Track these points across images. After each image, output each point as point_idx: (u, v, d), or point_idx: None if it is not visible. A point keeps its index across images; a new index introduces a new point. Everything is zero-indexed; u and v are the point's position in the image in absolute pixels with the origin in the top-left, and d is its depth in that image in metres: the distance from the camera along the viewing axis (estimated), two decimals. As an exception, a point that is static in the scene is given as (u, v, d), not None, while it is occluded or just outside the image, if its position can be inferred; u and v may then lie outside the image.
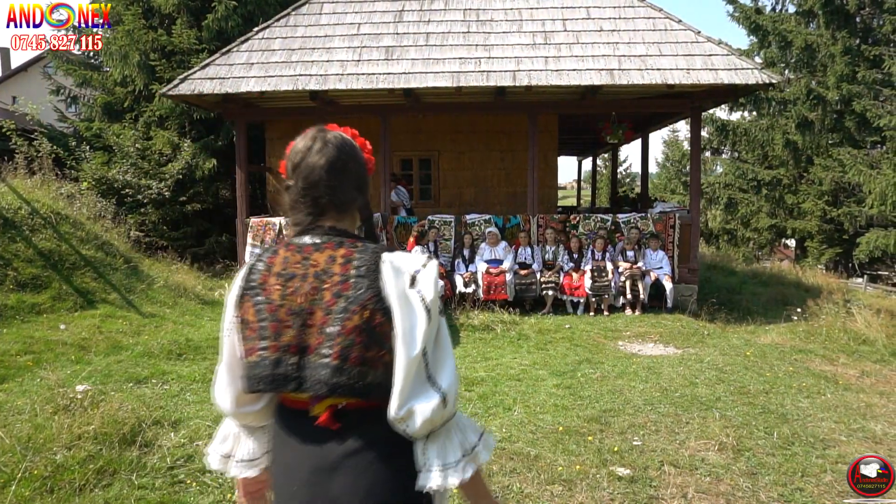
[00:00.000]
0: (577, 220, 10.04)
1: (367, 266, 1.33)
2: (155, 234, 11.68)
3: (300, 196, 1.43)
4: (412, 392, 1.28)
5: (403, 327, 1.29)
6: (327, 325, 1.30)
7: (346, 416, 1.32)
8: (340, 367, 1.27)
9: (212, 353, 6.10)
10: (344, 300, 1.30)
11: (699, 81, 8.86)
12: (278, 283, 1.35)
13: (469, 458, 1.34)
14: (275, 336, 1.32)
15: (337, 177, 1.43)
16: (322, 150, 1.44)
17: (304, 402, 1.34)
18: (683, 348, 7.39)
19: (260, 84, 9.34)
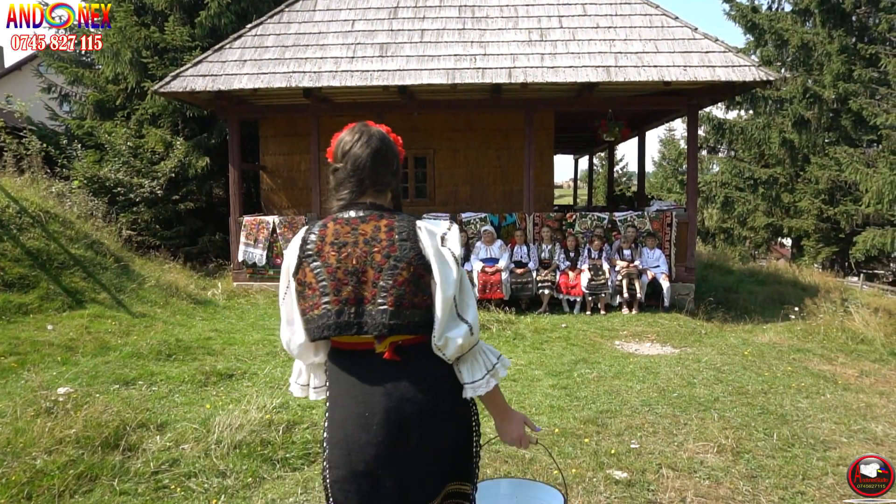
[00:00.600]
0: (574, 218, 9.96)
1: (408, 232, 1.70)
2: (147, 233, 11.55)
3: (348, 177, 1.75)
4: (447, 325, 1.65)
5: (440, 276, 1.66)
6: (380, 280, 1.64)
7: (404, 350, 1.67)
8: (396, 312, 1.63)
9: (202, 353, 6.00)
10: (393, 259, 1.66)
11: (696, 79, 8.79)
12: (333, 250, 1.68)
13: (491, 373, 1.73)
14: (335, 292, 1.65)
15: (378, 163, 1.76)
16: (368, 141, 1.77)
17: (366, 344, 1.68)
18: (681, 348, 7.32)
19: (253, 81, 9.22)
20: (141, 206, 11.41)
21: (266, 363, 5.88)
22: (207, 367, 5.43)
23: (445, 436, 1.71)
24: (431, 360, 1.69)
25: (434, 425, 1.68)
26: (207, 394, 4.87)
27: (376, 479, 1.65)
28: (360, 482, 1.66)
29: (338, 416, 1.71)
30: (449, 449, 1.72)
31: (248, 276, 10.28)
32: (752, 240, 23.17)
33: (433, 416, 1.67)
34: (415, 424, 1.65)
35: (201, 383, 5.10)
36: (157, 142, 11.61)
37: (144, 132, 11.78)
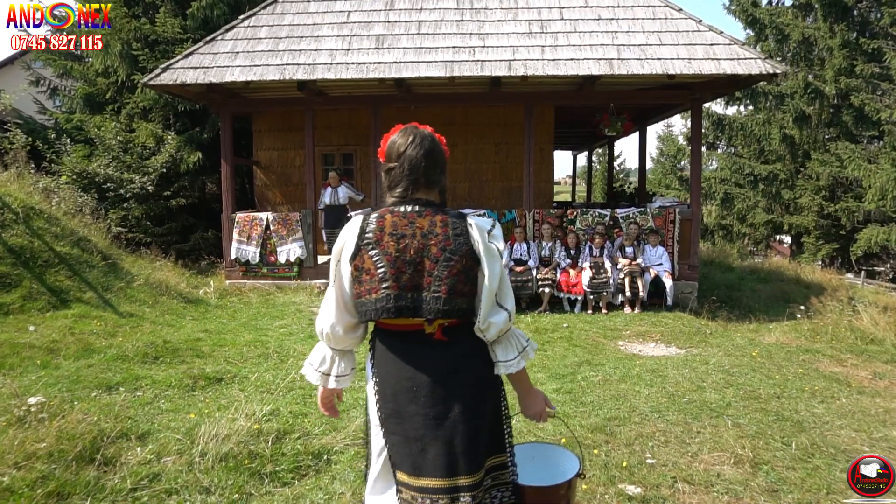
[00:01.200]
0: (575, 215, 9.74)
1: (461, 228, 1.88)
2: (138, 229, 11.29)
3: (404, 176, 1.91)
4: (490, 312, 1.85)
5: (488, 269, 1.86)
6: (435, 270, 1.82)
7: (451, 331, 1.88)
8: (448, 299, 1.82)
9: (191, 355, 5.76)
10: (448, 252, 1.84)
11: (701, 72, 8.56)
12: (392, 241, 1.84)
13: (521, 354, 1.95)
14: (395, 279, 1.82)
15: (430, 163, 1.93)
16: (421, 143, 1.93)
17: (416, 326, 1.88)
18: (686, 348, 7.10)
19: (245, 73, 8.96)
20: (131, 203, 11.14)
21: (257, 366, 5.64)
22: (195, 371, 5.19)
23: (483, 408, 1.91)
24: (472, 341, 1.92)
25: (473, 397, 1.89)
26: (194, 399, 4.62)
27: (424, 446, 1.85)
28: (412, 447, 1.87)
29: (388, 390, 1.91)
30: (487, 421, 1.92)
31: (241, 275, 10.02)
32: (751, 237, 22.98)
33: (473, 389, 1.89)
34: (457, 396, 1.86)
35: (188, 388, 4.86)
36: (148, 136, 11.33)
37: (135, 126, 11.50)
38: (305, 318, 7.91)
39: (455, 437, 1.84)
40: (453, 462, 1.84)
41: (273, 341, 6.61)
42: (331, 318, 1.94)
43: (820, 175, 19.37)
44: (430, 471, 1.84)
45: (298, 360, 5.87)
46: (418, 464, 1.85)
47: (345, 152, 11.65)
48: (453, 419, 1.85)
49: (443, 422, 1.84)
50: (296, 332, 7.18)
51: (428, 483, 1.84)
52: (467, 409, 1.86)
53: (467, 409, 1.86)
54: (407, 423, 1.87)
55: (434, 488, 1.84)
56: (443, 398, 1.85)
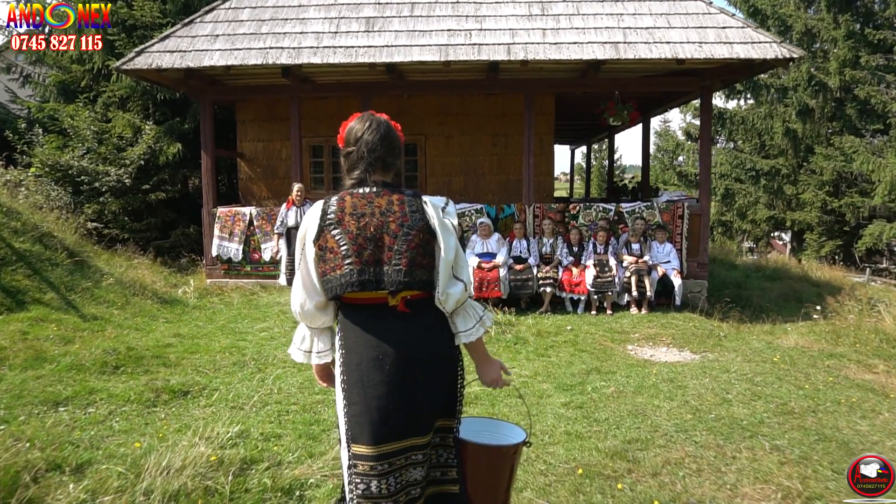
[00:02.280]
0: (577, 209, 9.18)
1: (416, 205, 2.03)
2: (115, 225, 10.65)
3: (360, 158, 2.04)
4: (447, 283, 2.00)
5: (443, 242, 2.01)
6: (395, 244, 1.97)
7: (412, 304, 2.01)
8: (409, 271, 1.95)
9: (156, 364, 5.17)
10: (406, 228, 1.98)
11: (713, 56, 8.00)
12: (353, 220, 1.97)
13: (479, 323, 2.09)
14: (357, 255, 1.95)
15: (386, 146, 2.06)
16: (377, 128, 2.06)
17: (379, 299, 1.99)
18: (701, 353, 6.57)
19: (226, 58, 8.35)
20: (107, 196, 10.50)
21: (230, 376, 5.05)
22: (160, 383, 4.61)
23: (444, 375, 2.04)
24: (434, 313, 2.02)
25: (436, 365, 2.01)
26: (154, 417, 4.04)
27: (387, 413, 1.92)
28: (373, 415, 1.92)
29: (353, 360, 1.97)
30: (444, 387, 2.04)
31: (223, 273, 9.43)
32: (751, 233, 22.51)
33: (436, 358, 2.01)
34: (421, 364, 1.97)
35: (149, 403, 4.27)
36: (125, 126, 10.70)
37: (111, 116, 10.86)
38: (289, 321, 7.32)
39: (416, 403, 1.96)
40: (413, 425, 1.96)
41: (251, 347, 6.03)
42: (300, 297, 2.03)
43: (824, 170, 18.88)
44: (391, 436, 1.93)
45: (277, 370, 5.29)
46: (379, 432, 1.92)
47: (334, 144, 11.02)
48: (415, 386, 1.95)
49: (405, 389, 1.94)
50: (277, 335, 6.60)
51: (387, 448, 1.93)
52: (429, 378, 1.98)
53: (429, 377, 1.98)
54: (370, 391, 1.94)
55: (391, 451, 1.93)
56: (405, 367, 1.94)
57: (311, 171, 11.15)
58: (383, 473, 1.93)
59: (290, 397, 4.57)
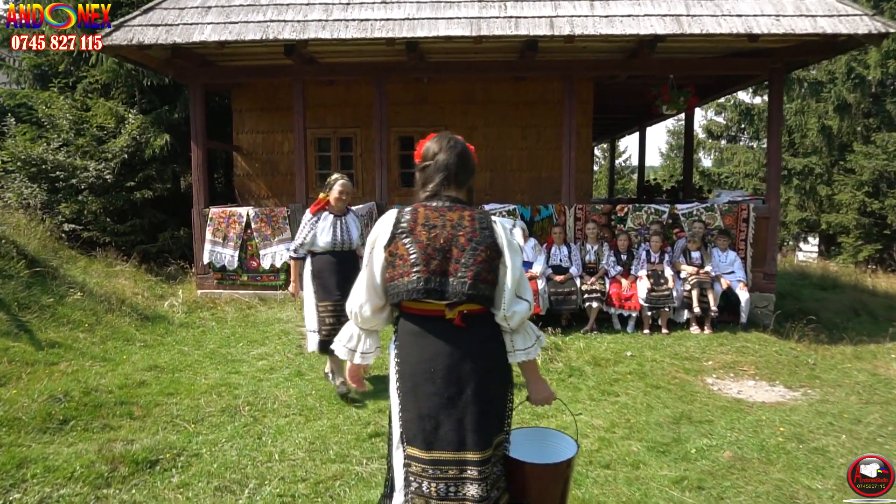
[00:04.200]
0: (626, 211, 7.94)
1: (486, 223, 2.09)
2: (95, 227, 9.42)
3: (436, 173, 2.13)
4: (512, 302, 2.05)
5: (510, 261, 2.07)
6: (462, 258, 2.02)
7: (469, 318, 2.05)
8: (474, 284, 2.00)
9: (120, 414, 3.94)
10: (474, 242, 2.03)
11: (793, 31, 6.76)
12: (424, 230, 2.05)
13: (536, 342, 2.17)
14: (425, 263, 2.01)
15: (461, 165, 2.15)
16: (454, 146, 2.16)
17: (437, 311, 2.04)
18: (799, 389, 5.34)
19: (219, 32, 7.12)
20: (86, 194, 9.27)
21: (217, 430, 3.83)
22: (119, 447, 3.38)
23: (493, 391, 2.08)
24: (488, 329, 2.09)
25: (485, 381, 2.05)
26: (102, 510, 2.82)
27: (438, 422, 2.01)
28: (425, 423, 2.02)
29: (408, 370, 2.08)
30: (496, 403, 2.09)
31: (216, 283, 8.20)
32: (781, 236, 21.26)
33: (485, 373, 2.06)
34: (470, 379, 2.03)
35: (100, 482, 3.06)
36: (107, 115, 9.47)
37: (90, 104, 9.62)
38: (293, 344, 6.09)
39: (465, 416, 2.00)
40: (462, 438, 2.00)
41: (246, 384, 4.79)
42: (360, 299, 2.12)
43: (864, 169, 17.63)
44: (441, 445, 2.00)
45: (279, 419, 4.06)
46: (430, 439, 2.00)
47: (342, 136, 9.81)
48: (465, 400, 2.01)
49: (456, 402, 2.00)
50: (279, 366, 5.36)
51: (438, 455, 2.00)
52: (478, 392, 2.02)
53: (478, 391, 2.02)
54: (422, 401, 2.02)
55: (444, 460, 2.00)
56: (457, 380, 2.01)
57: (317, 167, 9.92)
58: (435, 478, 2.00)
59: (295, 468, 3.34)
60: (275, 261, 8.04)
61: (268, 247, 8.07)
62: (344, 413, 4.28)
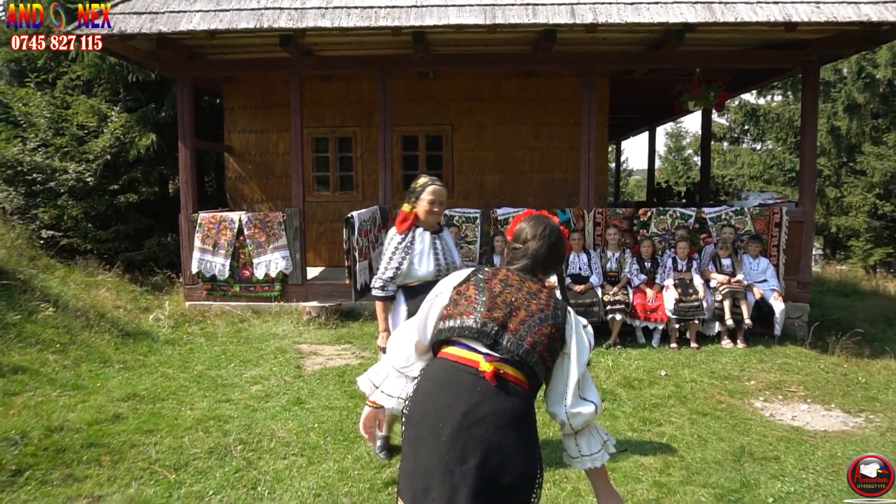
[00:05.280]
0: (649, 215, 7.37)
1: (561, 307, 1.98)
2: (75, 233, 8.76)
3: (525, 258, 2.07)
4: (575, 401, 1.92)
5: (576, 353, 1.94)
6: (527, 322, 1.90)
7: (502, 380, 1.84)
8: (530, 351, 1.86)
9: (88, 459, 3.30)
10: (543, 314, 1.92)
11: (835, 18, 6.22)
12: (500, 284, 1.97)
13: (604, 447, 2.00)
14: (488, 310, 1.90)
15: (552, 255, 2.09)
16: (549, 235, 2.08)
17: (473, 362, 1.86)
18: (860, 414, 4.77)
19: (208, 21, 6.50)
20: (66, 198, 8.62)
21: (202, 479, 3.20)
22: (82, 506, 2.75)
23: (499, 472, 1.75)
24: (519, 402, 1.84)
25: (492, 456, 1.75)
26: None
27: (428, 485, 1.76)
28: (416, 481, 1.79)
29: (415, 417, 1.87)
30: (501, 492, 1.75)
31: (206, 294, 7.56)
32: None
33: (495, 448, 1.76)
34: (477, 450, 1.74)
35: None
36: (88, 113, 8.81)
37: (70, 101, 8.97)
38: (291, 365, 5.47)
39: (460, 490, 1.73)
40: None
41: (238, 415, 4.17)
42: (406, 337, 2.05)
43: (875, 171, 17.17)
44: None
45: (276, 462, 3.45)
46: (418, 500, 1.80)
47: (341, 136, 9.18)
48: (464, 472, 1.74)
49: (453, 470, 1.75)
50: (275, 392, 4.74)
51: None
52: (483, 468, 1.75)
53: (483, 468, 1.75)
54: (420, 454, 1.81)
55: None
56: (462, 447, 1.76)
57: (315, 169, 9.30)
58: None
59: None
60: (269, 270, 7.42)
61: (262, 255, 7.44)
62: (353, 453, 3.67)
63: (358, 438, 3.88)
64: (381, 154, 7.44)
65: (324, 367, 5.50)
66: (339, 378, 5.13)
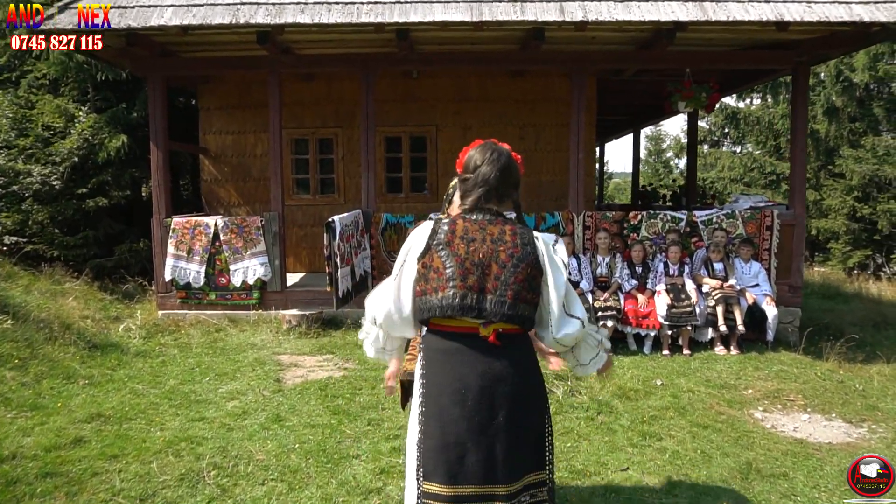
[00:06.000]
0: (639, 219, 7.20)
1: (528, 239, 1.99)
2: (41, 239, 8.34)
3: (476, 186, 2.01)
4: (560, 323, 1.99)
5: (553, 280, 1.98)
6: (501, 275, 1.91)
7: (504, 337, 1.93)
8: (513, 304, 1.90)
9: (42, 493, 2.99)
10: (515, 259, 1.93)
11: (827, 18, 6.11)
12: (462, 243, 1.94)
13: (600, 349, 2.16)
14: (462, 279, 1.90)
15: (504, 178, 2.03)
16: (497, 158, 2.04)
17: (471, 328, 1.92)
18: (862, 424, 4.62)
19: (181, 15, 6.18)
20: (30, 203, 8.20)
21: (173, 513, 2.91)
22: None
23: (527, 420, 1.92)
24: (524, 350, 1.99)
25: (519, 407, 1.89)
26: None
27: (464, 452, 1.83)
28: (450, 453, 1.84)
29: (433, 391, 1.92)
30: (531, 433, 1.93)
31: (180, 302, 7.21)
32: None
33: (520, 398, 1.90)
34: (504, 403, 1.87)
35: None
36: (54, 113, 8.41)
37: (36, 101, 8.55)
38: (270, 378, 5.17)
39: (496, 445, 1.83)
40: (492, 469, 1.83)
41: (212, 436, 3.87)
42: (385, 307, 2.03)
43: (853, 174, 17.31)
44: (467, 478, 1.82)
45: (254, 489, 3.16)
46: (454, 471, 1.82)
47: (322, 137, 8.88)
48: (496, 427, 1.84)
49: (487, 428, 1.83)
50: (252, 408, 4.44)
51: (463, 490, 1.82)
52: (512, 419, 1.86)
53: (512, 418, 1.86)
54: (448, 426, 1.85)
55: (469, 495, 1.82)
56: (489, 404, 1.85)
57: (294, 172, 8.98)
58: None
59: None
60: (247, 277, 7.09)
61: (239, 261, 7.12)
62: (337, 476, 3.40)
63: (343, 460, 3.61)
64: (364, 156, 7.17)
65: (305, 379, 5.21)
66: (321, 392, 4.85)
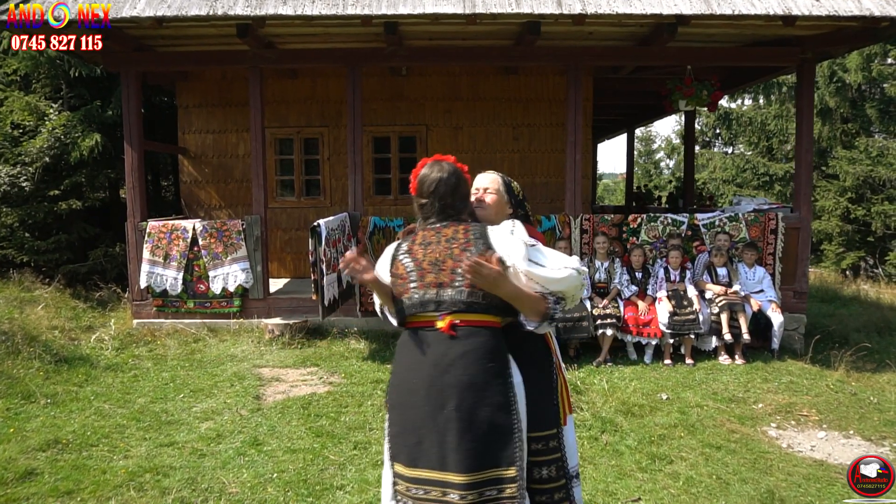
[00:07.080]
0: (639, 222, 6.90)
1: (481, 232, 2.08)
2: (11, 244, 7.92)
3: (434, 213, 2.12)
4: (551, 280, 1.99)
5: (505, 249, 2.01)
6: (457, 268, 1.98)
7: (462, 329, 1.97)
8: (471, 292, 1.96)
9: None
10: (469, 252, 1.99)
11: (836, 12, 5.84)
12: (420, 248, 2.08)
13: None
14: (420, 279, 2.03)
15: (457, 196, 2.14)
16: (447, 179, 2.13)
17: (429, 321, 2.00)
18: (883, 442, 4.35)
19: (155, 7, 5.80)
20: None
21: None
22: None
23: (478, 410, 1.91)
24: (483, 342, 1.97)
25: (471, 396, 1.91)
26: None
27: (420, 439, 1.93)
28: (408, 438, 1.96)
29: (395, 381, 2.07)
30: (486, 425, 1.91)
31: (156, 310, 6.82)
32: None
33: (472, 388, 1.91)
34: (451, 393, 1.90)
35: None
36: (24, 111, 7.98)
37: (5, 98, 8.12)
38: (249, 395, 4.80)
39: (447, 433, 1.88)
40: (444, 456, 1.88)
41: (181, 464, 3.50)
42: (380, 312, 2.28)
43: (847, 175, 17.17)
44: (424, 462, 1.91)
45: (225, 531, 2.79)
46: (414, 455, 1.93)
47: (307, 137, 8.51)
48: (447, 416, 1.89)
49: (437, 416, 1.90)
50: (228, 430, 4.07)
51: (422, 473, 1.91)
52: (463, 408, 1.89)
53: (463, 407, 1.89)
54: (407, 413, 1.97)
55: (427, 479, 1.90)
56: (438, 393, 1.91)
57: (278, 173, 8.60)
58: (418, 498, 1.91)
59: None
60: (227, 284, 6.72)
61: (219, 267, 6.74)
62: (319, 513, 3.04)
63: (325, 492, 3.26)
64: (351, 156, 6.81)
65: (287, 396, 4.84)
66: (303, 410, 4.49)
